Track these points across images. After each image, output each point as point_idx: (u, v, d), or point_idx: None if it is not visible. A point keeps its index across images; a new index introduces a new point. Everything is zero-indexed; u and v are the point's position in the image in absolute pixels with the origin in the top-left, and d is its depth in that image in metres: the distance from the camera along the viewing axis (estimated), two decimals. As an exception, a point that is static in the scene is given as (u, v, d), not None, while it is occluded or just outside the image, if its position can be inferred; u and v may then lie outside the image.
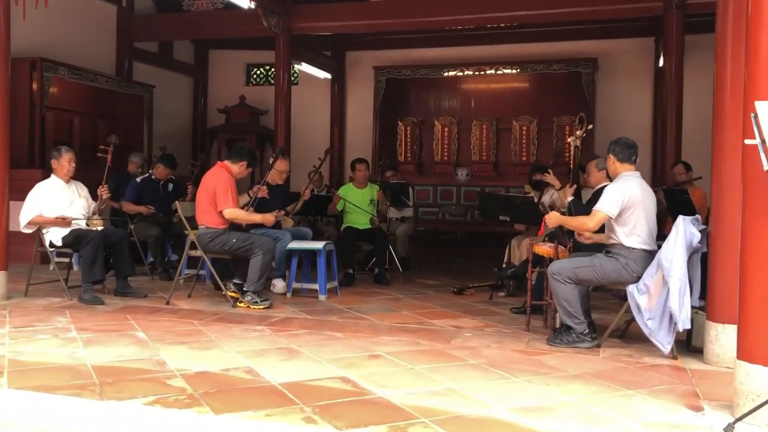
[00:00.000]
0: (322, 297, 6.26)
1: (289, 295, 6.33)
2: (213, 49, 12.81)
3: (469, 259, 8.96)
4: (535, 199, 6.47)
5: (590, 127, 5.71)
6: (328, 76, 11.80)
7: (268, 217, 6.01)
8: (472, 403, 3.36)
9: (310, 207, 7.99)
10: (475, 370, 3.99)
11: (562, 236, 5.11)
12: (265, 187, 6.37)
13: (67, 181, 6.22)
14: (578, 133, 5.59)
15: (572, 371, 4.00)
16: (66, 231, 6.00)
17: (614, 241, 4.58)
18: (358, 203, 7.56)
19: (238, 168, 5.99)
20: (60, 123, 9.15)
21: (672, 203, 6.56)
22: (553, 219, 4.77)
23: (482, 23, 10.15)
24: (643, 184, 4.66)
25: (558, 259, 4.91)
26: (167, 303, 5.86)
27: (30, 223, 5.98)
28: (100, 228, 6.13)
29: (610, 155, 4.69)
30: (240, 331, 4.88)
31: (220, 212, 5.75)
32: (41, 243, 6.09)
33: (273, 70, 12.69)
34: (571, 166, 5.64)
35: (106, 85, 10.01)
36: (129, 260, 6.25)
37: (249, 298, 5.76)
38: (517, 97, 11.37)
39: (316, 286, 6.35)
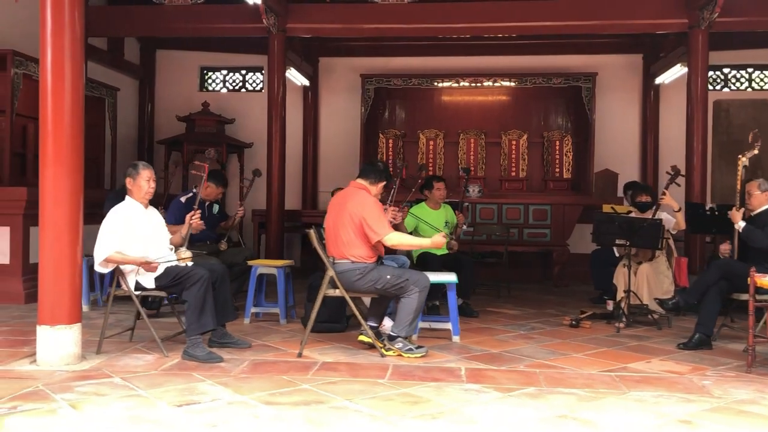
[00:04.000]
0: (455, 338, 5.41)
1: (415, 336, 5.40)
2: (161, 49, 11.29)
3: (509, 282, 8.39)
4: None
5: (758, 144, 5.39)
6: (306, 82, 10.76)
7: (438, 239, 4.95)
8: None
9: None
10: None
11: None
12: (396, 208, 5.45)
13: (146, 206, 4.94)
14: (755, 151, 5.27)
15: None
16: (159, 270, 4.73)
17: None
18: (433, 226, 6.70)
19: (377, 189, 5.02)
20: (13, 131, 7.53)
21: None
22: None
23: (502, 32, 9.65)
24: None
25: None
26: (299, 355, 4.76)
27: (107, 261, 4.66)
28: (190, 264, 4.89)
29: None
30: (458, 392, 3.95)
31: (377, 241, 4.75)
32: (119, 284, 4.78)
33: (230, 74, 11.53)
34: (738, 186, 5.28)
35: (73, 86, 8.39)
36: (231, 302, 5.06)
37: (401, 345, 4.79)
38: (504, 110, 10.99)
39: (440, 325, 5.51)
